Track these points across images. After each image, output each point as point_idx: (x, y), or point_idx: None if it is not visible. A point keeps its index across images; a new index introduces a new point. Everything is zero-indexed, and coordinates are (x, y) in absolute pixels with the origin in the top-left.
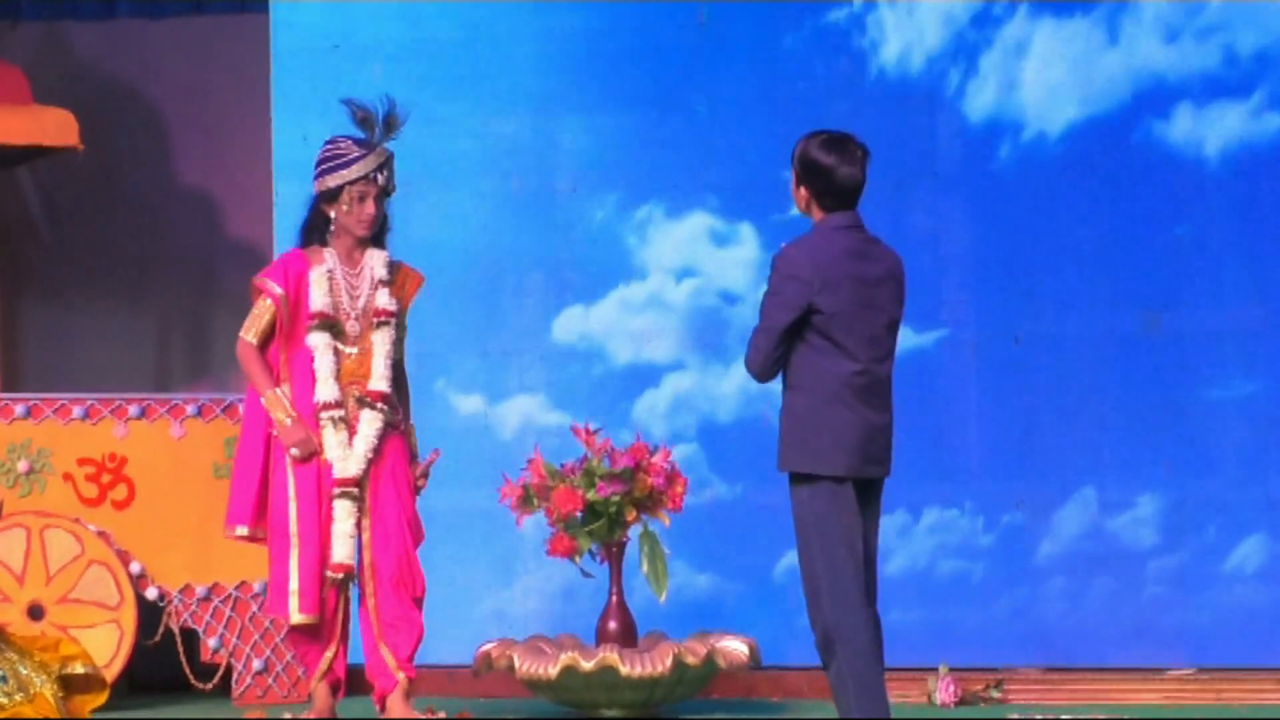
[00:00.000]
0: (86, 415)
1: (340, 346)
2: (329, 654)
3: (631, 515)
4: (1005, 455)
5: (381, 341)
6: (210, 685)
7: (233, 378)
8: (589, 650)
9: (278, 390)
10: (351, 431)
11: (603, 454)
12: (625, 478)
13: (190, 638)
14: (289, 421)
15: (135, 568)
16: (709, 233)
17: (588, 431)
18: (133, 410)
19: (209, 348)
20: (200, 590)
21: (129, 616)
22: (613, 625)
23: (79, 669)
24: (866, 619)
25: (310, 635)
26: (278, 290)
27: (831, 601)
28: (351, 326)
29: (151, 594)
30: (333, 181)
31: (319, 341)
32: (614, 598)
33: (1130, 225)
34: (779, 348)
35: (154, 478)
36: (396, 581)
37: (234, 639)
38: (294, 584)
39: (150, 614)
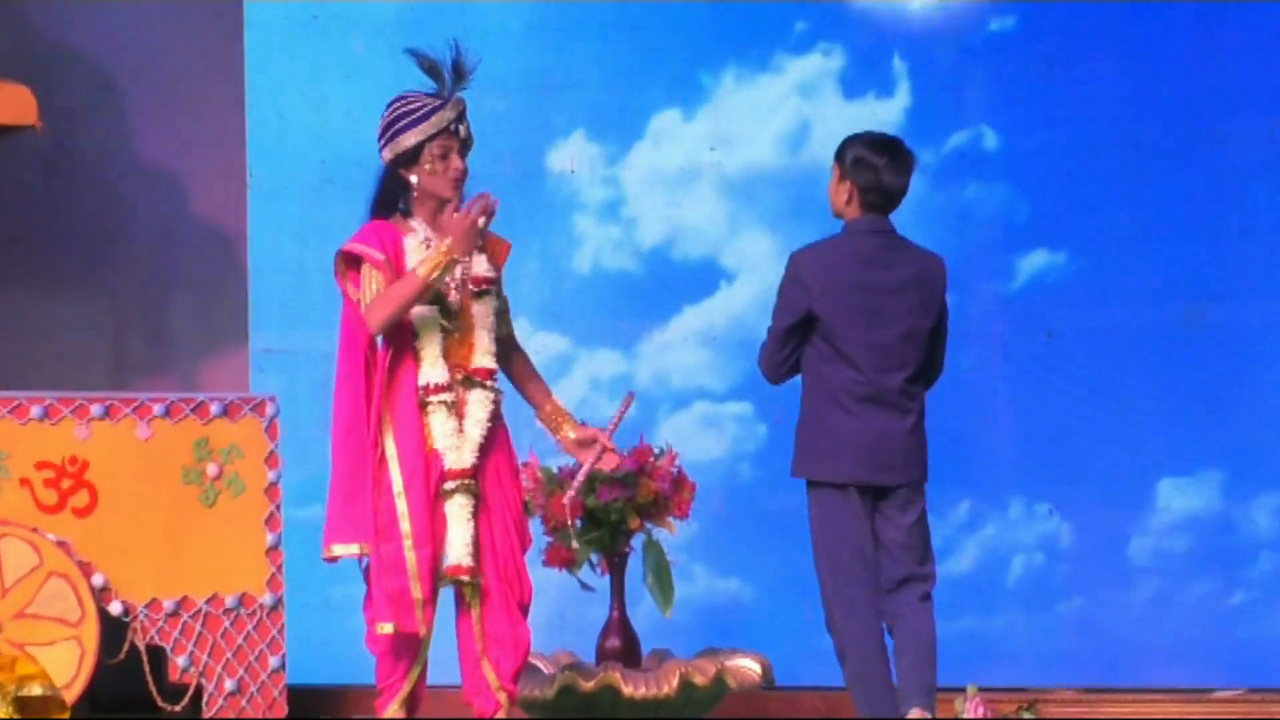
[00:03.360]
0: (45, 415)
1: (443, 322)
2: (415, 673)
3: (635, 523)
4: (1037, 458)
5: (484, 313)
6: (179, 707)
7: (198, 373)
8: (588, 669)
9: (415, 265)
10: (460, 417)
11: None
12: (628, 483)
13: (157, 656)
14: (447, 242)
15: (98, 580)
16: None
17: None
18: (95, 410)
19: (171, 339)
20: (168, 604)
21: (91, 633)
22: (614, 642)
23: (37, 690)
24: (871, 626)
25: (400, 652)
26: (380, 255)
27: (836, 607)
28: (454, 299)
29: (115, 608)
30: (411, 140)
31: (425, 318)
32: (615, 613)
33: (1173, 210)
34: (783, 350)
35: (118, 483)
36: (504, 591)
37: (205, 657)
38: (417, 591)
39: (114, 630)
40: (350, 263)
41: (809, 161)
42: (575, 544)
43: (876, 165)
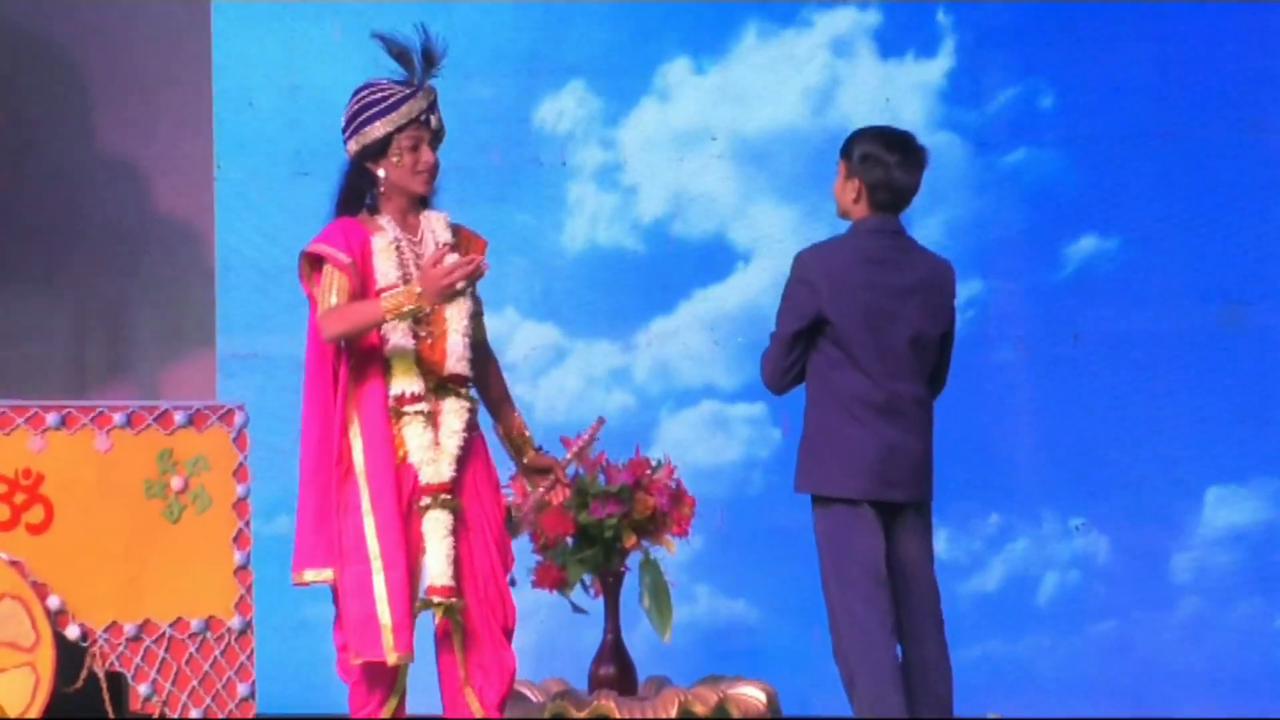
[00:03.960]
0: None
1: (415, 328)
2: (392, 703)
3: (630, 541)
4: (1063, 470)
5: (458, 316)
6: None
7: (162, 379)
8: (581, 698)
9: (382, 297)
10: (435, 428)
11: (597, 469)
12: (623, 497)
13: (117, 683)
14: (417, 288)
15: (54, 602)
16: None
17: (590, 431)
18: (51, 419)
19: (133, 343)
20: (129, 629)
21: (46, 659)
22: (608, 669)
23: None
24: (887, 650)
25: (374, 680)
26: (345, 258)
27: (847, 630)
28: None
29: (73, 633)
30: (379, 131)
31: (394, 324)
32: (610, 637)
33: (1208, 205)
34: (789, 357)
35: (76, 498)
36: (486, 614)
37: (168, 685)
38: (387, 617)
39: (71, 656)
40: (315, 264)
41: (836, 126)
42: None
43: (887, 162)
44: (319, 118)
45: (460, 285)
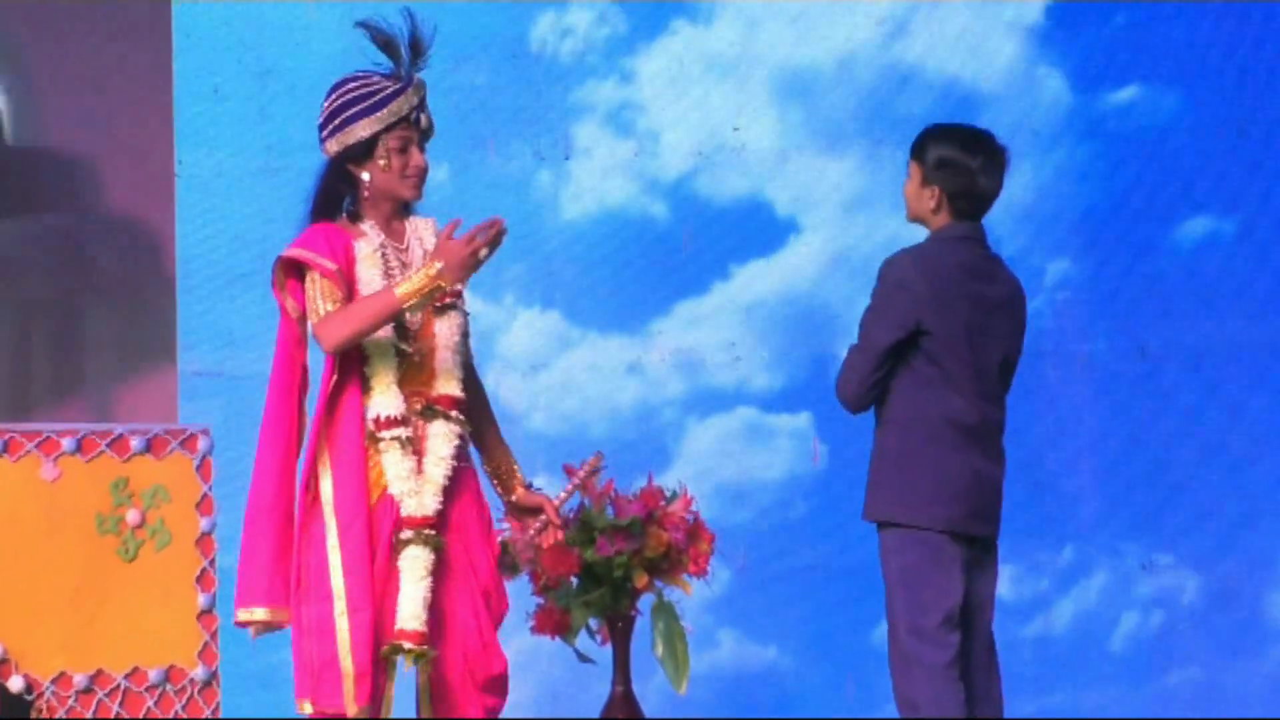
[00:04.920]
0: None
1: (399, 344)
2: None
3: (642, 581)
4: (1132, 498)
5: (448, 332)
6: None
7: (116, 400)
8: None
9: (393, 283)
10: (419, 455)
11: (604, 500)
12: (634, 532)
13: None
14: (437, 266)
15: None
16: None
17: (585, 469)
18: None
19: (84, 359)
20: (80, 679)
21: None
22: None
23: None
24: (958, 702)
25: None
26: (330, 264)
27: (918, 678)
28: (412, 318)
29: (16, 684)
30: (364, 131)
31: (377, 338)
32: (619, 689)
33: None
34: (878, 372)
35: (20, 533)
36: (463, 669)
37: None
38: (349, 663)
39: (15, 709)
40: (292, 272)
41: (906, 63)
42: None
43: (969, 167)
44: (292, 107)
45: (483, 254)
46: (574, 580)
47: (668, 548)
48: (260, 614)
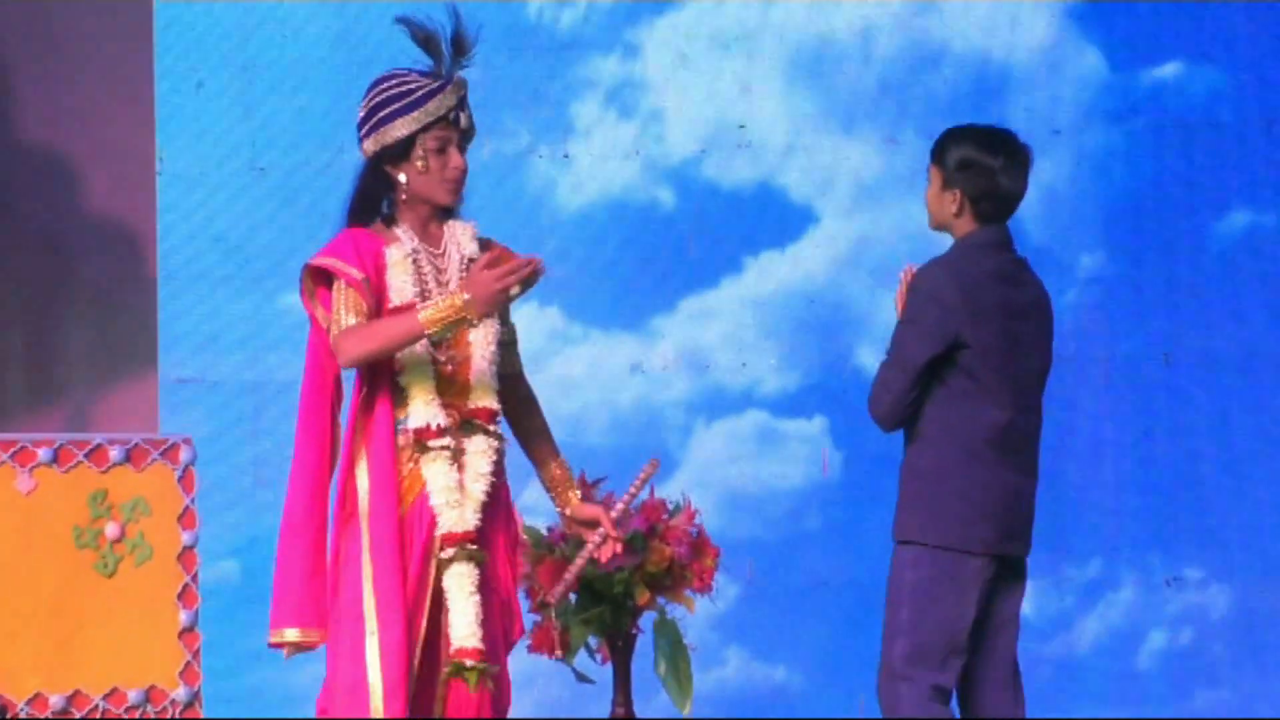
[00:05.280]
0: None
1: (435, 354)
2: None
3: (643, 598)
4: (1156, 510)
5: (484, 341)
6: None
7: (94, 408)
8: None
9: (418, 307)
10: (459, 468)
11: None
12: (636, 547)
13: None
14: (465, 296)
15: None
16: None
17: (584, 483)
18: None
19: (61, 366)
20: (56, 701)
21: None
22: None
23: None
24: None
25: None
26: (358, 274)
27: (909, 700)
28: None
29: None
30: (401, 130)
31: (411, 348)
32: (620, 710)
33: None
34: (915, 389)
35: None
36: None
37: None
38: (378, 679)
39: None
40: (321, 280)
41: (934, 36)
42: (555, 618)
43: (991, 167)
44: (278, 101)
45: (514, 292)
46: (572, 597)
47: (670, 563)
48: (291, 635)
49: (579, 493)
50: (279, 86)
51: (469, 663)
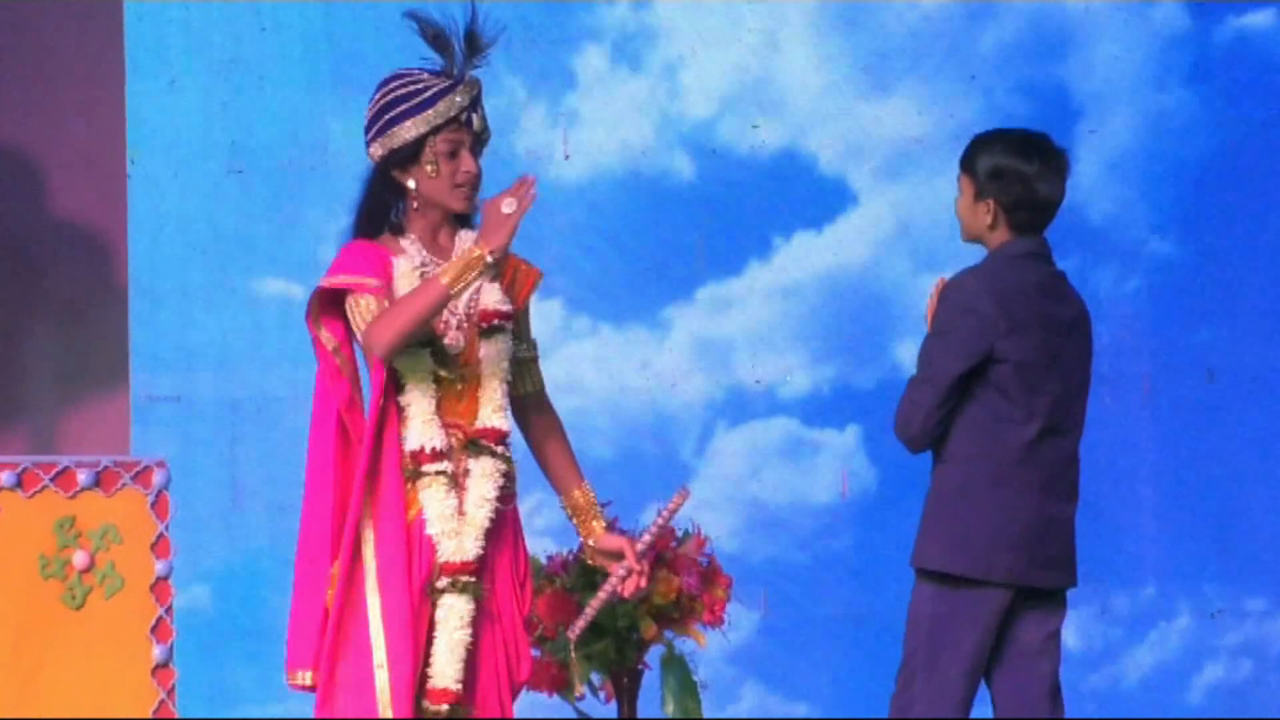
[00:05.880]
0: None
1: (439, 370)
2: None
3: (650, 632)
4: (1198, 537)
5: (494, 357)
6: None
7: (61, 428)
8: None
9: (435, 273)
10: (461, 493)
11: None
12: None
13: None
14: (477, 244)
15: None
16: None
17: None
18: None
19: (24, 383)
20: None
21: None
22: None
23: None
24: None
25: None
26: (374, 280)
27: None
28: (453, 339)
29: None
30: (409, 132)
31: (412, 364)
32: None
33: None
34: (944, 407)
35: None
36: None
37: None
38: (385, 711)
39: None
40: (329, 304)
41: None
42: (573, 659)
43: (1026, 174)
44: (257, 100)
45: (506, 208)
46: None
47: (679, 594)
48: (308, 678)
49: (604, 522)
50: (258, 85)
51: (445, 707)
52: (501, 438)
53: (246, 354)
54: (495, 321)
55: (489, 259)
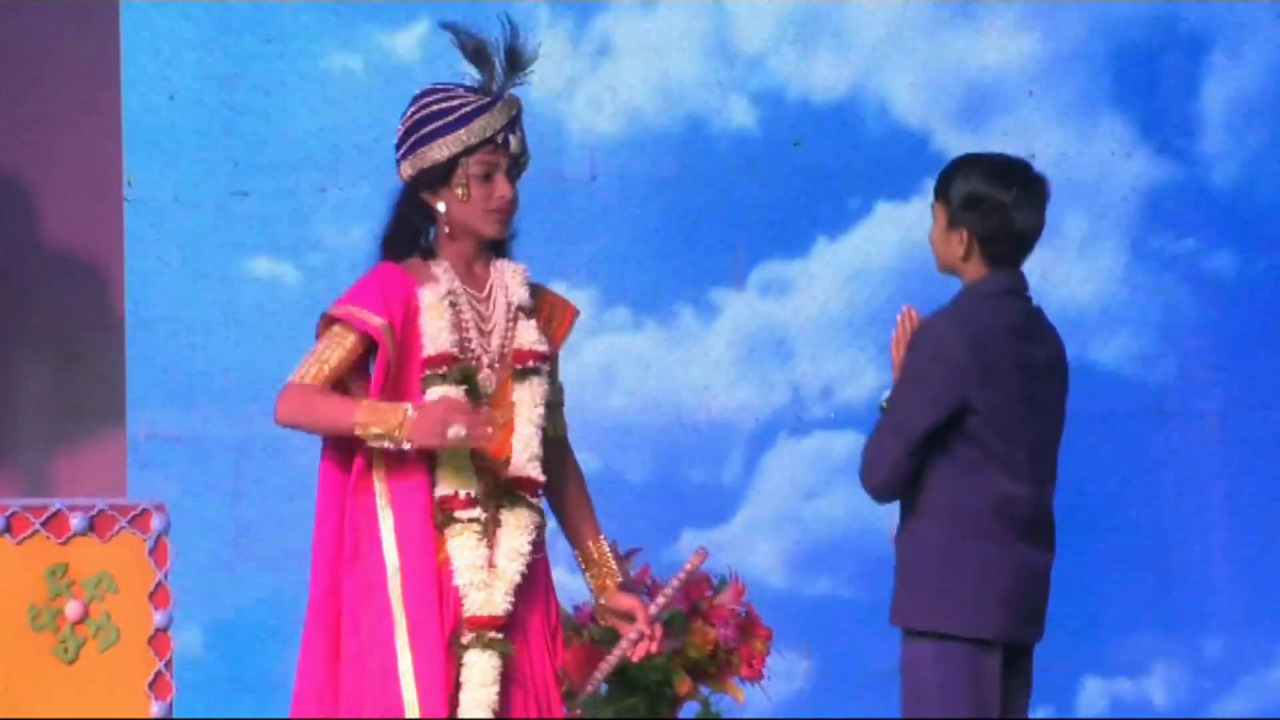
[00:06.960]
0: None
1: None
2: None
3: (685, 687)
4: (1269, 586)
5: (529, 401)
6: None
7: (53, 469)
8: None
9: (365, 402)
10: (491, 543)
11: (640, 590)
12: (674, 628)
13: None
14: (410, 413)
15: None
16: None
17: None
18: None
19: (15, 420)
20: None
21: None
22: None
23: None
24: None
25: None
26: (377, 320)
27: None
28: (485, 378)
29: None
30: (440, 152)
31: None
32: None
33: None
34: (914, 456)
35: None
36: None
37: None
38: None
39: None
40: (329, 324)
41: None
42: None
43: (1003, 202)
44: (261, 117)
45: (451, 433)
46: (603, 686)
47: (715, 647)
48: None
49: (618, 580)
50: (263, 98)
51: None
52: (535, 487)
53: (250, 390)
54: (531, 363)
55: (405, 445)
